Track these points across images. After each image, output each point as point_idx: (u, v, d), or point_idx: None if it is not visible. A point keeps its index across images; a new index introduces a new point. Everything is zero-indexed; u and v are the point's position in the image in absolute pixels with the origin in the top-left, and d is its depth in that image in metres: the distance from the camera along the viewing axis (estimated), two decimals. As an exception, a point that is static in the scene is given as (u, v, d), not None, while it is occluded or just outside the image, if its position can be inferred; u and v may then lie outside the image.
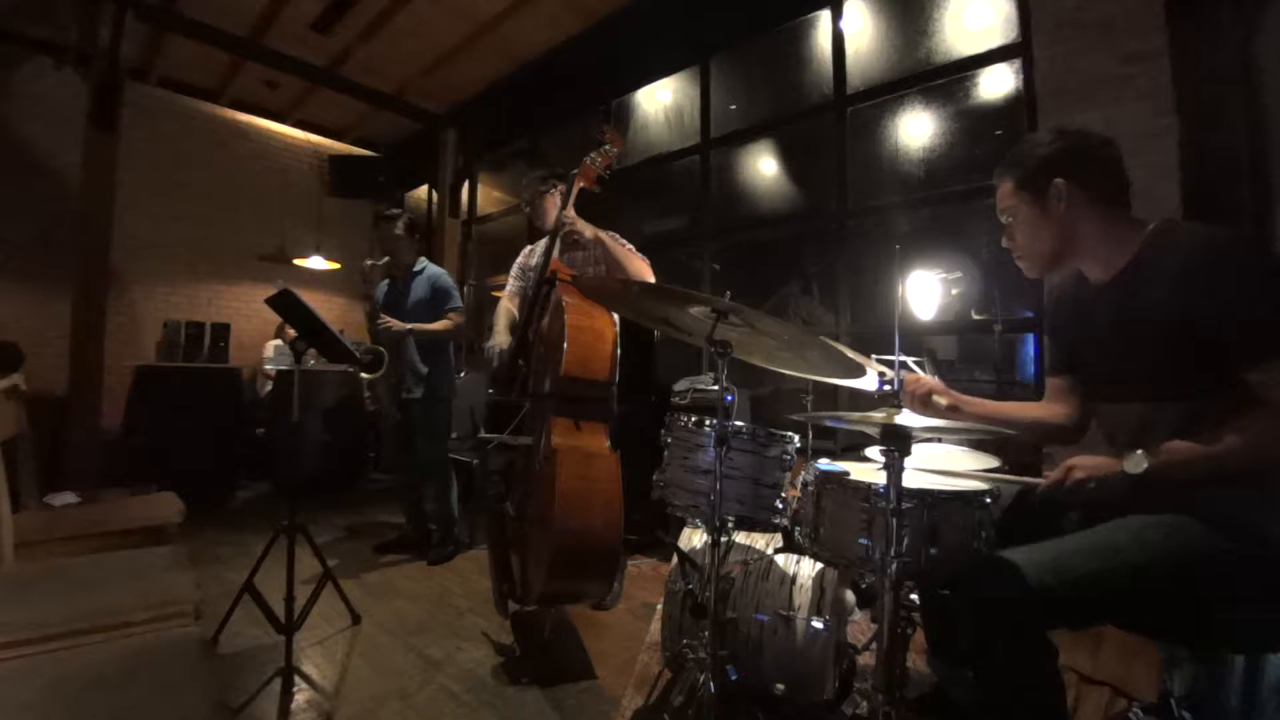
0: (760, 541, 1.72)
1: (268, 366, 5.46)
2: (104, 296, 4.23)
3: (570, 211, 2.26)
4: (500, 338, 2.39)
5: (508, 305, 2.52)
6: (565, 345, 1.91)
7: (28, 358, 4.21)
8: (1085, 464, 1.05)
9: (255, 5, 4.39)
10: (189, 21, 4.52)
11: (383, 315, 2.95)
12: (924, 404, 1.36)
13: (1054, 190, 1.15)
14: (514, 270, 2.63)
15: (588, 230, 2.25)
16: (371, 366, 2.92)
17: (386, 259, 3.10)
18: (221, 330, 5.18)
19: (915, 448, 1.16)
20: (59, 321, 4.30)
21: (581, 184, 2.29)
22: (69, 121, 4.59)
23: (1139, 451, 1.01)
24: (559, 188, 2.35)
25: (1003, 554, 1.03)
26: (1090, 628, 1.05)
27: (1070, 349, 1.34)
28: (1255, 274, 1.00)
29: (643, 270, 2.26)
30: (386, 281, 3.21)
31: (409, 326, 2.95)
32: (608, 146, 2.32)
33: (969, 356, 3.71)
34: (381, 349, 2.92)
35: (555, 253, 2.27)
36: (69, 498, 2.77)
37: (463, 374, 3.92)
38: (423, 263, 3.18)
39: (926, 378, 1.39)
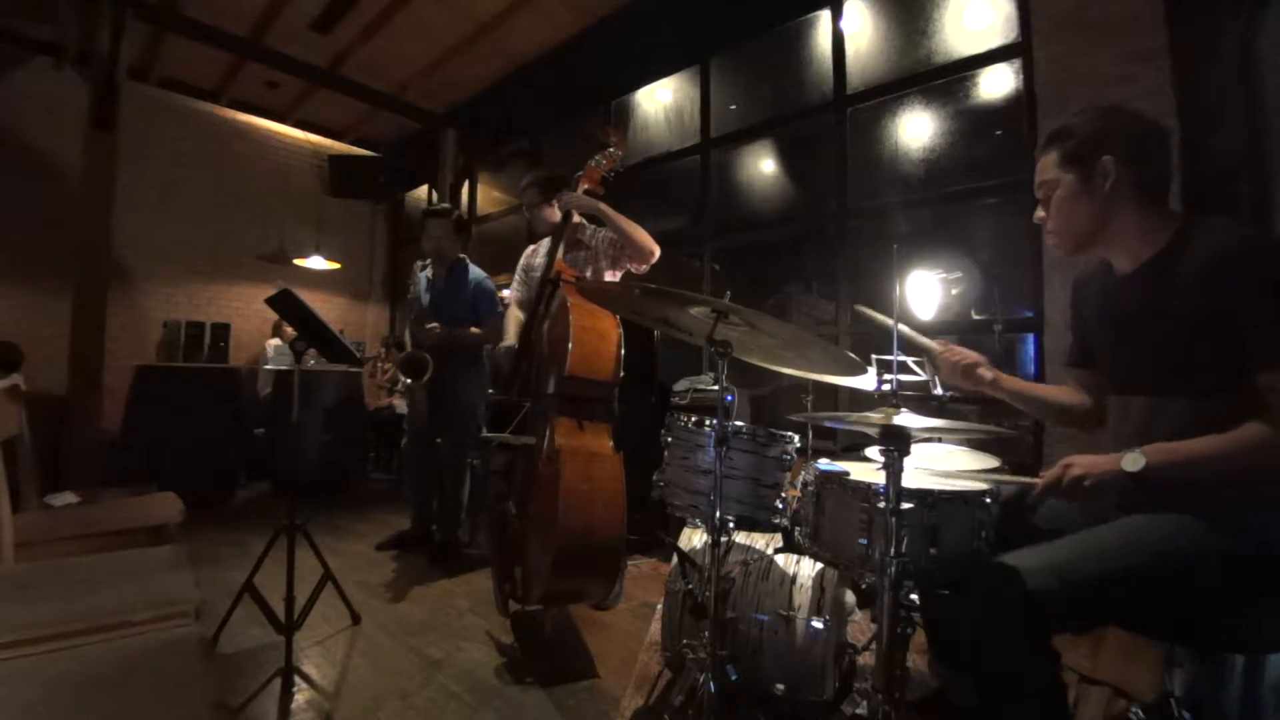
0: (760, 541, 1.72)
1: (267, 366, 5.47)
2: (104, 296, 4.23)
3: (565, 191, 2.29)
4: (511, 341, 2.40)
5: (515, 312, 2.53)
6: (570, 345, 1.91)
7: (28, 358, 4.21)
8: (1082, 462, 1.05)
9: (255, 5, 4.39)
10: (189, 21, 4.52)
11: (433, 323, 2.90)
12: (965, 375, 1.38)
13: (1101, 168, 1.12)
14: (518, 273, 2.63)
15: (586, 204, 2.27)
16: (416, 372, 2.87)
17: (429, 261, 3.06)
18: (221, 330, 5.19)
19: (915, 448, 1.16)
20: (59, 321, 4.31)
21: (586, 185, 2.30)
22: (69, 121, 4.60)
23: (1137, 450, 1.01)
24: (559, 198, 2.37)
25: (1004, 558, 1.02)
26: (1092, 630, 1.04)
27: (1089, 340, 1.32)
28: (1271, 277, 0.99)
29: (645, 238, 2.27)
30: (424, 277, 3.13)
31: (452, 333, 2.91)
32: (612, 149, 2.33)
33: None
34: (427, 356, 2.88)
35: (560, 254, 2.28)
36: (69, 498, 2.76)
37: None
38: (463, 261, 3.14)
39: (966, 351, 1.40)
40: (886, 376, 1.72)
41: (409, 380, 2.90)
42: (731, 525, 1.49)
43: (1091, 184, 1.13)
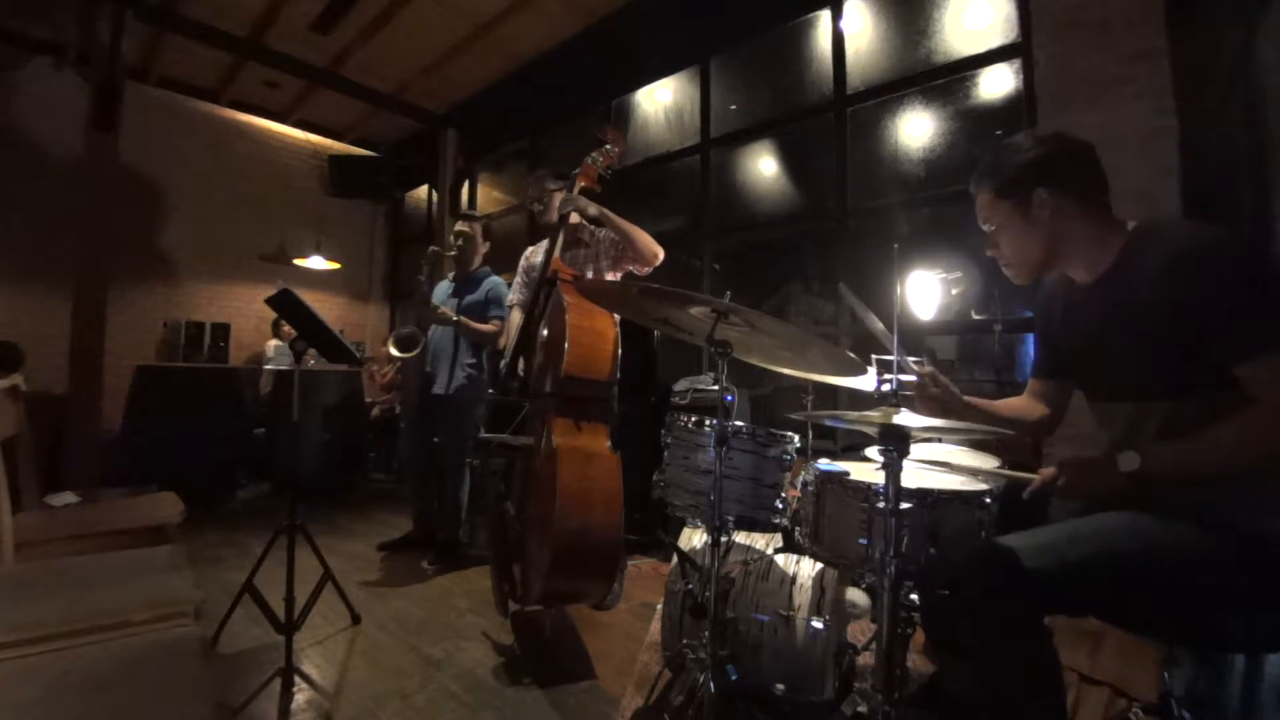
0: (760, 541, 1.72)
1: (267, 366, 5.47)
2: (104, 296, 4.23)
3: (563, 193, 2.29)
4: (511, 341, 2.41)
5: (517, 313, 2.54)
6: (567, 345, 1.91)
7: (28, 358, 4.21)
8: (1078, 463, 1.05)
9: (255, 5, 4.39)
10: (189, 21, 4.52)
11: (436, 305, 2.99)
12: (945, 409, 1.37)
13: (1036, 199, 1.14)
14: (519, 274, 2.63)
15: (590, 208, 2.27)
16: (407, 345, 2.99)
17: (455, 251, 3.13)
18: (221, 330, 5.20)
19: (915, 447, 1.16)
20: (59, 321, 4.30)
21: (583, 183, 2.30)
22: (69, 121, 4.60)
23: (1131, 451, 1.01)
24: (560, 196, 2.37)
25: (999, 540, 1.03)
26: (1086, 614, 1.05)
27: (1057, 352, 1.34)
28: (1236, 271, 1.00)
29: (649, 240, 2.27)
30: (448, 281, 3.25)
31: (457, 318, 2.96)
32: (609, 146, 2.33)
33: (969, 356, 3.71)
34: (418, 331, 3.00)
35: (557, 251, 2.28)
36: (69, 498, 2.76)
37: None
38: (486, 268, 3.22)
39: (945, 382, 1.37)
40: (886, 376, 1.72)
41: (400, 354, 3.03)
42: (731, 525, 1.49)
43: (1030, 216, 1.16)
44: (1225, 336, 0.99)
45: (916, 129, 3.43)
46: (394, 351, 3.07)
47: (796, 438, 1.52)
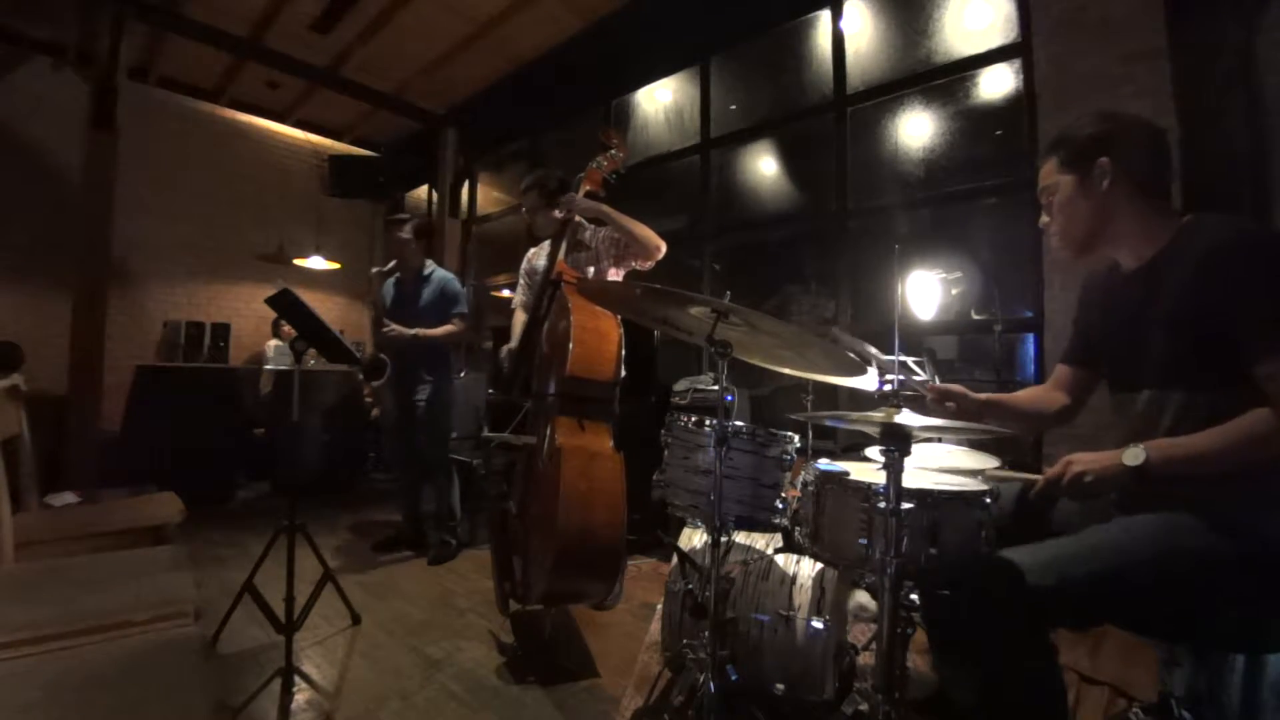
0: (760, 541, 1.72)
1: (267, 366, 5.47)
2: (104, 296, 4.23)
3: (568, 194, 2.31)
4: (515, 343, 2.41)
5: (521, 315, 2.54)
6: (571, 345, 1.91)
7: (28, 358, 4.21)
8: (1083, 459, 1.05)
9: (255, 5, 4.39)
10: (189, 21, 4.52)
11: (388, 322, 2.95)
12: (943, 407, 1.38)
13: (1098, 169, 1.14)
14: (521, 277, 2.64)
15: (589, 207, 2.28)
16: (374, 374, 2.95)
17: (393, 264, 3.10)
18: (221, 330, 5.20)
19: (915, 448, 1.16)
20: (59, 321, 4.30)
21: (588, 187, 2.31)
22: (69, 121, 4.59)
23: (1138, 445, 1.01)
24: (561, 201, 2.37)
25: (1002, 554, 1.03)
26: (1091, 628, 1.04)
27: (1090, 339, 1.34)
28: (1263, 269, 1.00)
29: (650, 234, 2.28)
30: (392, 283, 3.20)
31: (413, 332, 2.94)
32: (614, 151, 2.34)
33: (969, 356, 3.71)
34: (384, 357, 2.94)
35: (561, 254, 2.29)
36: (69, 498, 2.76)
37: (463, 374, 3.93)
38: (430, 266, 3.19)
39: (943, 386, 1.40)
40: (887, 376, 1.72)
41: (371, 382, 3.00)
42: (731, 525, 1.49)
43: (1089, 185, 1.16)
44: (1242, 334, 0.99)
45: (916, 129, 3.43)
46: (367, 381, 3.07)
47: (796, 438, 1.52)
